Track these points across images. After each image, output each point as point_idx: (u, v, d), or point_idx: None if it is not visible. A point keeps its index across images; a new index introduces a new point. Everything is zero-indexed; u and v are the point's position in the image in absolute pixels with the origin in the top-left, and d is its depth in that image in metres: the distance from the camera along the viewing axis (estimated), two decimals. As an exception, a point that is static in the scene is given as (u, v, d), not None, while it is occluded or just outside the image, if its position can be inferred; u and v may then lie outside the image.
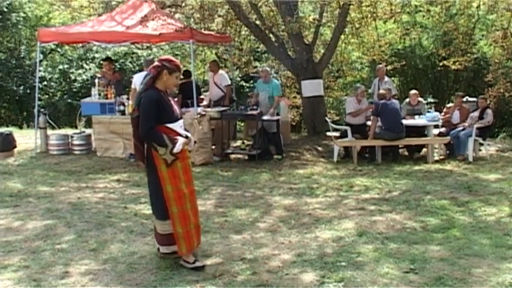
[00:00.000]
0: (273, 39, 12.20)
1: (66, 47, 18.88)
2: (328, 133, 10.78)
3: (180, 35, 9.91)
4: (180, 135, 4.75)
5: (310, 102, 12.33)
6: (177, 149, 4.64)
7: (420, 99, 10.98)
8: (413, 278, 4.53)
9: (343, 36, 12.85)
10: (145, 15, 10.24)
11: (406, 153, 10.55)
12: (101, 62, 14.34)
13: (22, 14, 19.03)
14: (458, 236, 5.60)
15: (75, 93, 18.21)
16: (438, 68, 14.91)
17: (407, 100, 10.96)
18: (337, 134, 10.49)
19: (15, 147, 10.68)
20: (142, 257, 5.08)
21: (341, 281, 4.48)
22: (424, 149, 10.40)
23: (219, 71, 11.36)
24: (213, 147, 10.16)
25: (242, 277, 4.60)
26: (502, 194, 7.33)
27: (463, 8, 12.23)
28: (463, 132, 9.79)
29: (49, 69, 19.64)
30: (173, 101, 4.91)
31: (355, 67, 16.88)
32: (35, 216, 6.47)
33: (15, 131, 12.22)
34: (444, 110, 10.97)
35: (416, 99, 10.78)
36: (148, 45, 16.41)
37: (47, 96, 19.29)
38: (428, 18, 13.11)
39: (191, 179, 4.93)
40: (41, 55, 16.14)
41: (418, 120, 10.35)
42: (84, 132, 11.08)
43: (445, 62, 12.87)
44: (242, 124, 13.96)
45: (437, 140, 10.21)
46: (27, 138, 12.19)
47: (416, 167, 9.27)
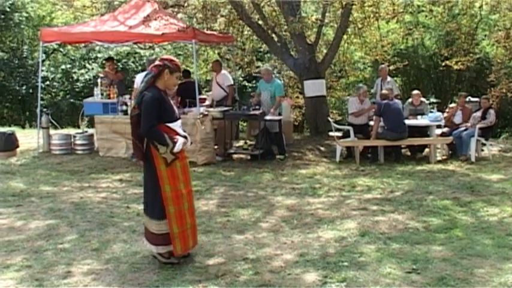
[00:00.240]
0: (276, 39, 12.20)
1: (69, 47, 18.92)
2: (330, 133, 10.77)
3: (183, 35, 9.92)
4: (179, 135, 4.79)
5: (312, 102, 12.33)
6: (177, 148, 4.69)
7: (422, 99, 10.98)
8: (415, 278, 4.52)
9: (345, 36, 12.86)
10: (147, 15, 10.25)
11: (409, 154, 10.54)
12: (104, 61, 14.34)
13: (25, 13, 19.08)
14: (460, 236, 5.59)
15: (77, 93, 18.25)
16: (441, 68, 14.89)
17: (409, 100, 10.94)
18: (339, 134, 10.48)
19: (18, 147, 10.69)
20: (145, 256, 5.07)
21: (343, 281, 4.48)
22: (426, 149, 10.38)
23: (222, 71, 11.35)
24: (216, 147, 10.16)
25: (244, 277, 4.60)
26: (505, 194, 7.31)
27: (465, 8, 12.23)
28: (465, 132, 9.77)
29: (51, 69, 19.68)
30: (172, 101, 4.96)
31: (358, 67, 16.86)
32: (38, 216, 6.48)
33: (17, 131, 12.23)
34: (446, 110, 10.96)
35: (418, 100, 10.77)
36: (151, 45, 16.43)
37: (50, 96, 19.34)
38: (431, 18, 13.13)
39: (189, 179, 4.96)
40: (44, 55, 16.18)
41: (421, 120, 10.35)
42: (86, 132, 11.10)
43: (447, 62, 12.88)
44: (244, 124, 13.96)
45: (440, 140, 10.19)
46: (29, 138, 12.19)
47: (419, 167, 9.25)
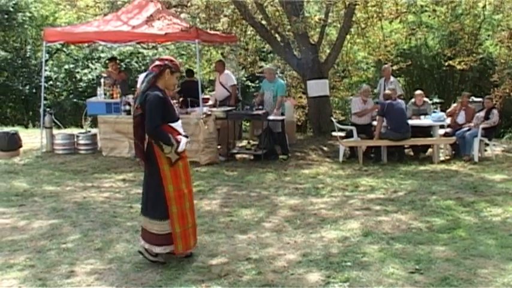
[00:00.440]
0: (279, 39, 12.19)
1: (72, 47, 18.90)
2: (333, 133, 10.76)
3: (186, 34, 9.93)
4: (180, 135, 4.83)
5: (315, 102, 12.32)
6: (181, 148, 4.74)
7: (426, 99, 10.96)
8: (418, 278, 4.52)
9: (348, 36, 12.83)
10: (151, 15, 10.26)
11: (412, 154, 10.53)
12: (107, 61, 14.36)
13: (28, 13, 19.07)
14: (463, 236, 5.58)
15: (80, 92, 18.24)
16: (444, 68, 14.86)
17: (412, 100, 10.92)
18: (342, 134, 10.47)
19: (21, 146, 10.72)
20: (148, 256, 5.08)
21: (346, 281, 4.47)
22: (429, 149, 10.37)
23: (225, 71, 11.35)
24: (219, 147, 10.17)
25: (247, 277, 4.61)
26: (508, 194, 7.30)
27: (468, 8, 12.22)
28: (468, 132, 9.75)
29: (55, 68, 19.67)
30: (172, 101, 5.02)
31: (361, 67, 16.84)
32: (41, 216, 6.49)
33: (21, 131, 12.26)
34: (448, 110, 10.94)
35: (421, 100, 10.75)
36: (154, 45, 16.41)
37: (53, 95, 19.34)
38: (434, 18, 13.10)
39: (190, 179, 5.00)
40: (47, 55, 16.18)
41: (424, 120, 10.33)
42: (89, 131, 11.11)
43: (450, 62, 12.84)
44: (248, 124, 13.96)
45: (443, 140, 10.18)
46: (33, 138, 12.22)
47: (422, 167, 9.24)
